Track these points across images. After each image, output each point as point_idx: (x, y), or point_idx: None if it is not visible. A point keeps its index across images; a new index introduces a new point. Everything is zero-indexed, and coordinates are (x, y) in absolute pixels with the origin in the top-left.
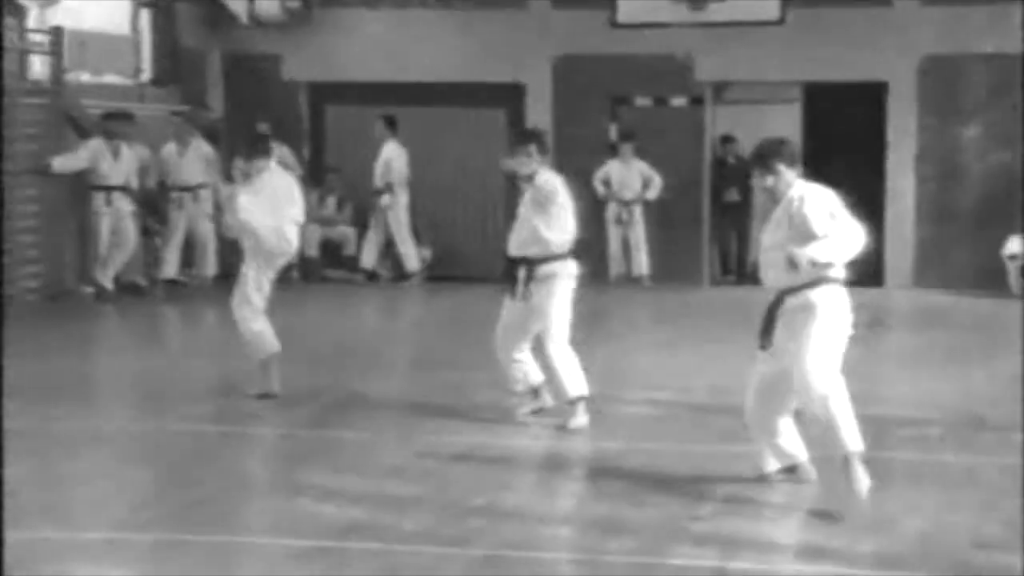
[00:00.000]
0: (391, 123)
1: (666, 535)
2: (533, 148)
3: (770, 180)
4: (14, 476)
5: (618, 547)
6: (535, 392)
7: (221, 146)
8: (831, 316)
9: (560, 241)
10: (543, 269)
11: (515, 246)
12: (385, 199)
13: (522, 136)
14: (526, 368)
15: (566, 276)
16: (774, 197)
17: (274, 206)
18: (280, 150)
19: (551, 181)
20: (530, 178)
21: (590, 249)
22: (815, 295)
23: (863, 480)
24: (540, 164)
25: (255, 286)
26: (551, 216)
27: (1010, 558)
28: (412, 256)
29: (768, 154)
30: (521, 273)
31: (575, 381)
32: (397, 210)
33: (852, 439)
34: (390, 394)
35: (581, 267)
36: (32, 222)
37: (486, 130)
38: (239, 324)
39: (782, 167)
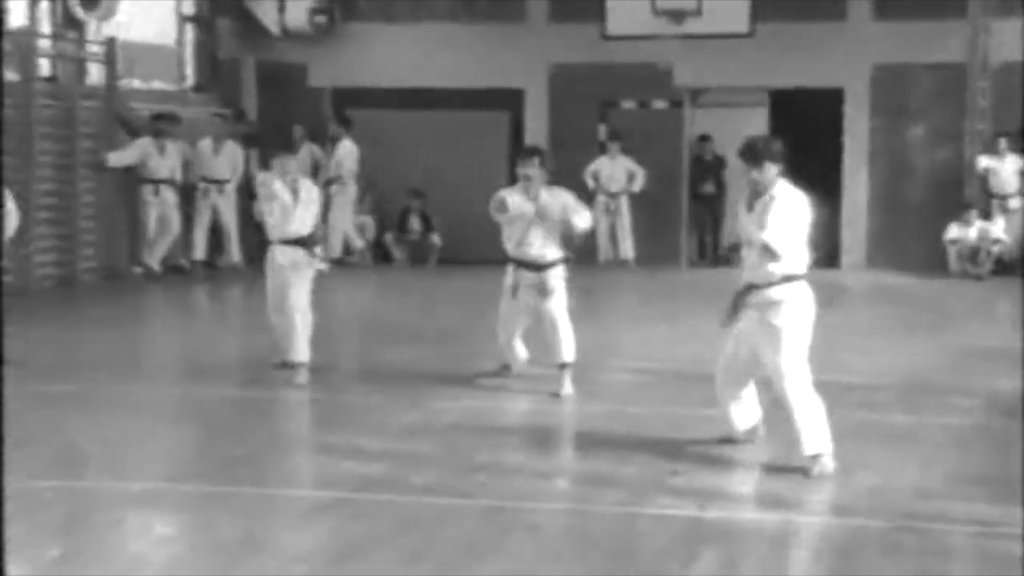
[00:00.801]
0: (345, 122)
1: (649, 488)
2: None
3: (755, 173)
4: (76, 434)
5: (607, 498)
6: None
7: (257, 145)
8: (796, 311)
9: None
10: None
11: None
12: (333, 188)
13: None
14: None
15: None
16: (757, 188)
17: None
18: (311, 148)
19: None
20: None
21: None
22: (782, 292)
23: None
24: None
25: None
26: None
27: (949, 505)
28: (354, 239)
29: (758, 150)
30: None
31: (570, 347)
32: (344, 200)
33: (817, 442)
34: (404, 364)
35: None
36: (89, 211)
37: (491, 130)
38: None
39: (768, 163)
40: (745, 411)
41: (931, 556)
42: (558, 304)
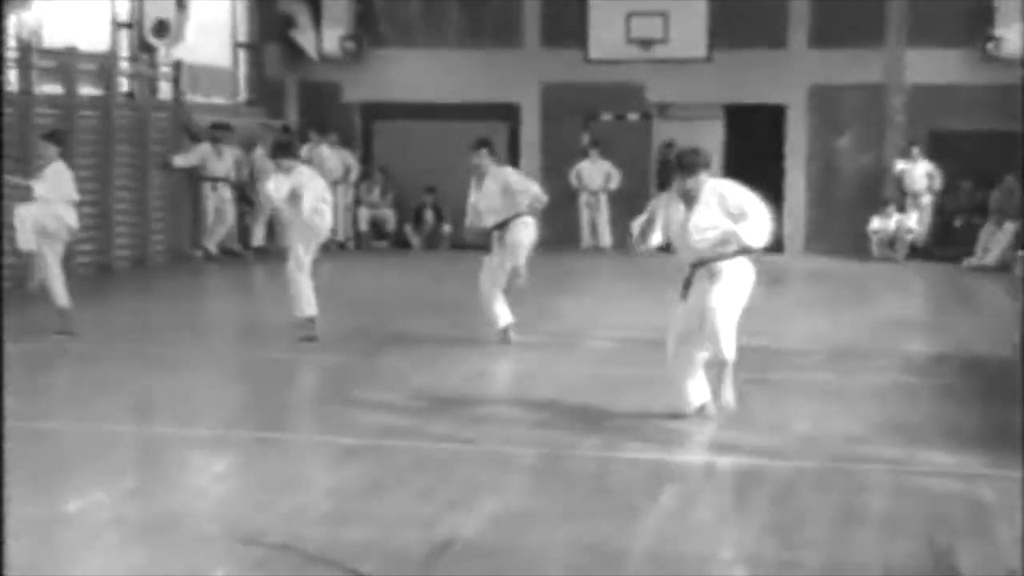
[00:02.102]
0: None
1: (622, 435)
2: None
3: (691, 183)
4: (147, 386)
5: (587, 444)
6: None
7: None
8: (739, 275)
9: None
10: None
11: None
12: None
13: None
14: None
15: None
16: (691, 193)
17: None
18: (343, 153)
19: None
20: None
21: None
22: (723, 264)
23: (730, 391)
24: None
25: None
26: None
27: (870, 449)
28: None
29: (691, 163)
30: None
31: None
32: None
33: (729, 349)
34: (420, 332)
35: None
36: (159, 203)
37: (493, 138)
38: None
39: (702, 172)
40: (698, 388)
41: (856, 490)
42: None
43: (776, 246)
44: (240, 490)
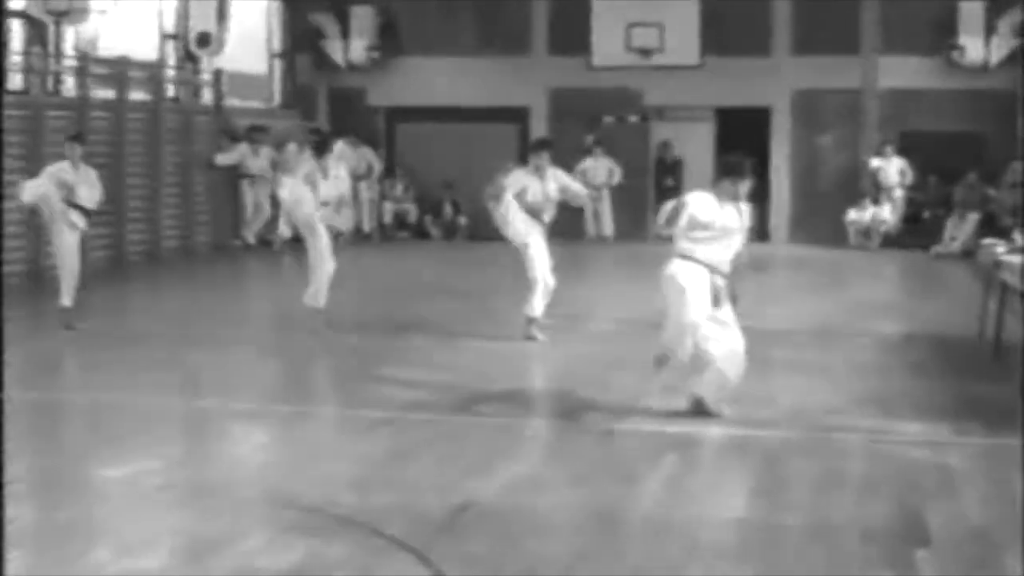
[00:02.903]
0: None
1: (625, 409)
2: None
3: (742, 186)
4: (192, 364)
5: (592, 417)
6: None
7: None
8: (674, 281)
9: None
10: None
11: None
12: None
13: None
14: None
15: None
16: (738, 196)
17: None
18: (363, 151)
19: None
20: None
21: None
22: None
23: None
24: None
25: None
26: None
27: (850, 420)
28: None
29: (745, 167)
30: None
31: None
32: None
33: (675, 348)
34: (440, 315)
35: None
36: (202, 197)
37: (504, 138)
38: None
39: (749, 178)
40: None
41: (837, 457)
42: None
43: (762, 235)
44: (276, 458)
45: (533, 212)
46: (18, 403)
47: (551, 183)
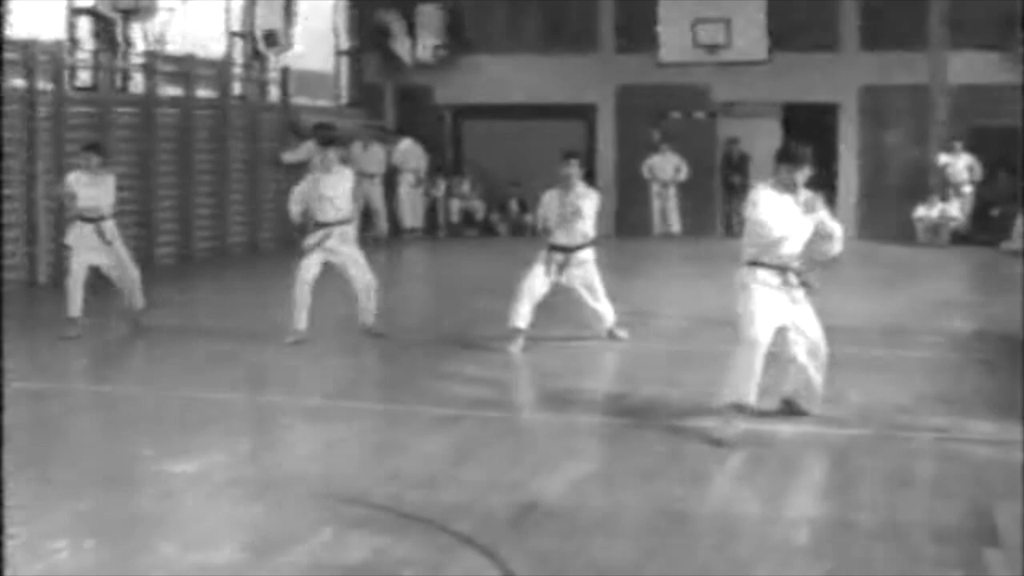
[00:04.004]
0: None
1: (695, 408)
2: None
3: (799, 175)
4: (259, 360)
5: (659, 414)
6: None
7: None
8: (741, 293)
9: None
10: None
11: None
12: None
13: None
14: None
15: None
16: (795, 186)
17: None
18: (414, 146)
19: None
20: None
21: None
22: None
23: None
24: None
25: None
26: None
27: (918, 418)
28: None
29: (801, 154)
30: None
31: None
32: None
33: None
34: (505, 312)
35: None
36: (269, 194)
37: (571, 135)
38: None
39: (807, 166)
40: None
41: (907, 456)
42: None
43: None
44: (343, 455)
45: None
46: (88, 397)
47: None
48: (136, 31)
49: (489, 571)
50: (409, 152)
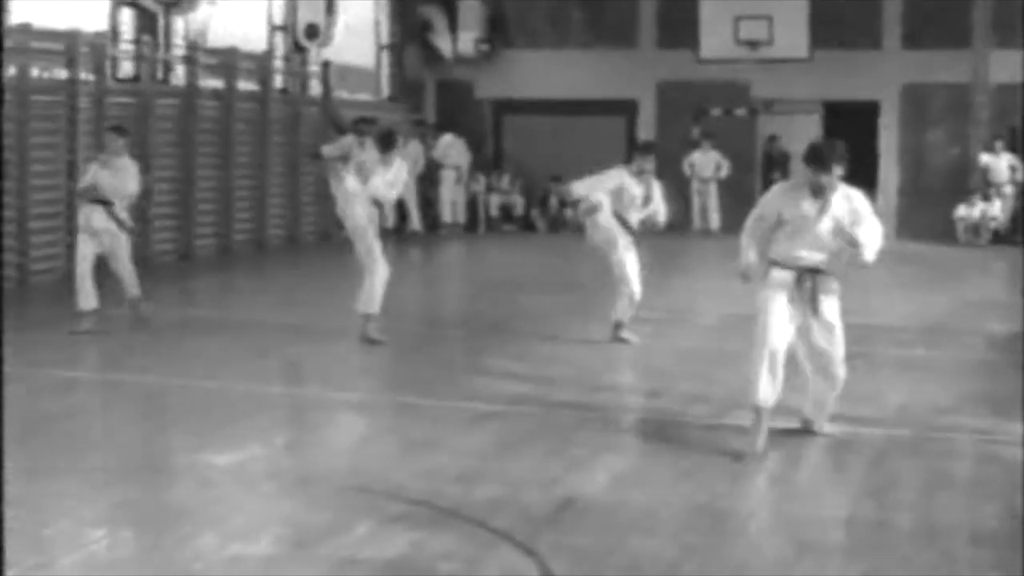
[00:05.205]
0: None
1: (731, 404)
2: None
3: (824, 177)
4: (297, 353)
5: (698, 412)
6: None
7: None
8: (758, 297)
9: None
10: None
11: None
12: None
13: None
14: None
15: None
16: (822, 189)
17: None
18: (456, 140)
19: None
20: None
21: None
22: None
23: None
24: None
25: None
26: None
27: (958, 419)
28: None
29: (826, 155)
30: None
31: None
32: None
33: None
34: (547, 307)
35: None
36: (308, 188)
37: (612, 131)
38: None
39: (835, 167)
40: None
41: (945, 457)
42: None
43: None
44: (381, 449)
45: (622, 217)
46: (126, 388)
47: (647, 190)
48: (178, 23)
49: (526, 567)
50: (451, 147)
